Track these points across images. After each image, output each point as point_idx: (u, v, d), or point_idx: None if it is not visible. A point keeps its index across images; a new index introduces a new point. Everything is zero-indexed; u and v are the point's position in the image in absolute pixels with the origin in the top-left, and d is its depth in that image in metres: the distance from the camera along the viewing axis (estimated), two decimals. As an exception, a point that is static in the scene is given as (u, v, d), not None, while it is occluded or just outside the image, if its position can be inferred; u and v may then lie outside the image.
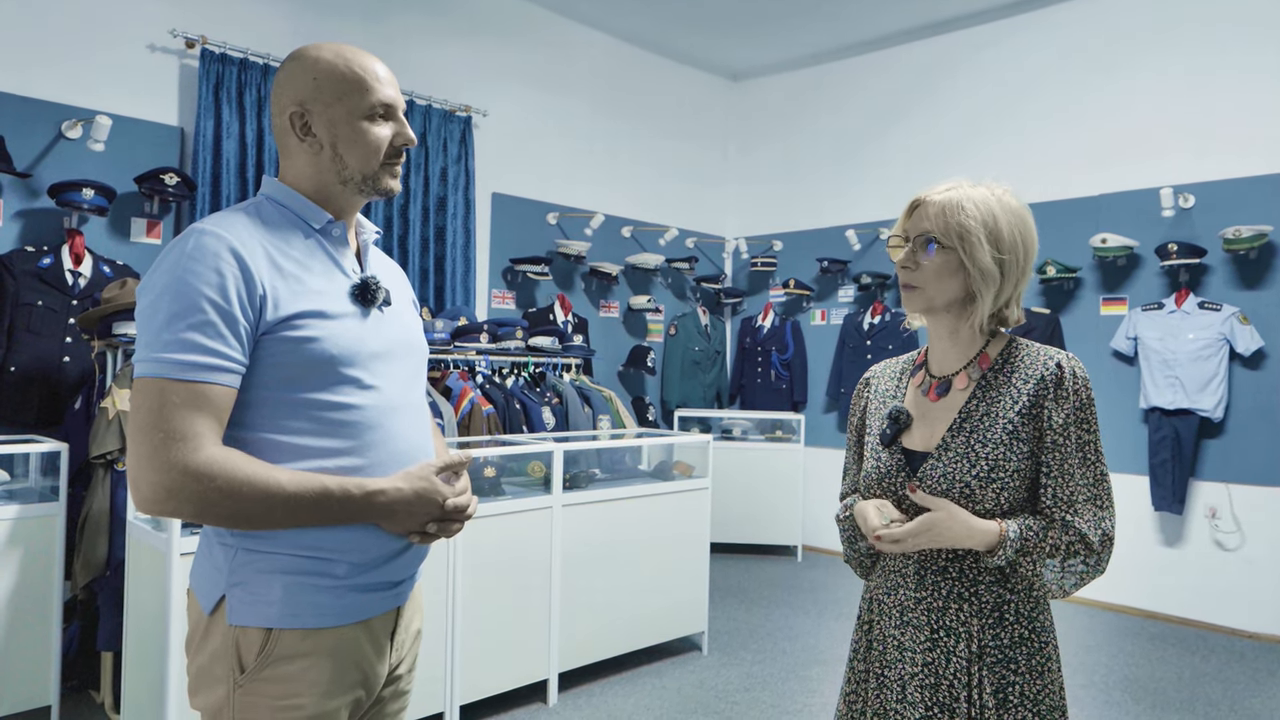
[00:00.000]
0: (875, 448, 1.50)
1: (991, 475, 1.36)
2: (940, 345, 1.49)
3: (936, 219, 1.41)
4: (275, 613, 1.21)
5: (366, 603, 1.28)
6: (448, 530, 1.32)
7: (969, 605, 1.38)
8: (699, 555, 4.05)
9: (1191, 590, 4.83)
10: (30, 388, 3.53)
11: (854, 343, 6.15)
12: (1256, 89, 4.73)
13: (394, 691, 1.40)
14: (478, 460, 3.42)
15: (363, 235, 1.42)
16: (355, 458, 1.26)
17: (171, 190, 3.95)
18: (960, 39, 5.97)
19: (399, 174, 1.38)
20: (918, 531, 1.34)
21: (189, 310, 1.15)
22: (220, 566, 1.24)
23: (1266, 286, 4.67)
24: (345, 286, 1.31)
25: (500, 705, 3.40)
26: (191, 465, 1.13)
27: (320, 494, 1.19)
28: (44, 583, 3.03)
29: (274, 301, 1.21)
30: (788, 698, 3.60)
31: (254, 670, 1.20)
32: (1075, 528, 1.33)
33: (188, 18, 4.24)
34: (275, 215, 1.31)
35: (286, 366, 1.22)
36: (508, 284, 5.64)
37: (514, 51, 5.69)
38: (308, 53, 1.33)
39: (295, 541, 1.22)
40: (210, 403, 1.16)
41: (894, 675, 1.44)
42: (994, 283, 1.39)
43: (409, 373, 1.38)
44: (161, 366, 1.14)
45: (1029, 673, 1.37)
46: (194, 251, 1.18)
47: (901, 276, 1.45)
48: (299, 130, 1.31)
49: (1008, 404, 1.39)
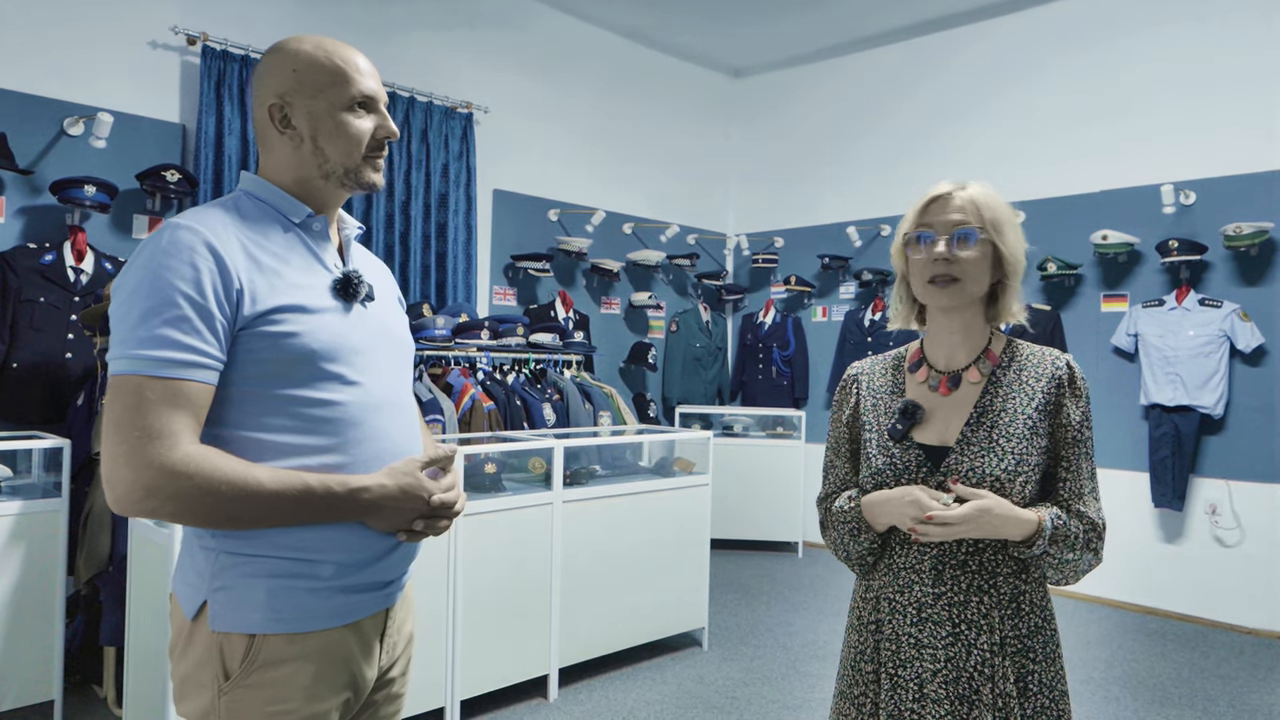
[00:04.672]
0: (884, 444, 1.49)
1: (1018, 469, 1.39)
2: (950, 340, 1.49)
3: (970, 211, 1.43)
4: (259, 618, 1.18)
5: (354, 604, 1.25)
6: (435, 528, 1.29)
7: (989, 597, 1.40)
8: (700, 551, 4.06)
9: (1191, 586, 4.83)
10: (33, 384, 3.54)
11: (855, 339, 6.15)
12: (1257, 85, 4.73)
13: (386, 695, 1.37)
14: (479, 456, 3.43)
15: (345, 230, 1.39)
16: (338, 455, 1.22)
17: (173, 187, 3.96)
18: (962, 35, 5.96)
19: (381, 167, 1.35)
20: (970, 516, 1.35)
21: (164, 306, 1.12)
22: (201, 571, 1.21)
23: (1267, 283, 4.67)
24: (326, 281, 1.28)
25: (501, 700, 3.41)
26: (168, 463, 1.10)
27: (302, 491, 1.16)
28: (47, 578, 3.04)
29: (251, 296, 1.18)
30: (788, 693, 3.61)
31: (239, 677, 1.17)
32: (1088, 518, 1.40)
33: (189, 15, 4.25)
34: (254, 210, 1.28)
35: (266, 362, 1.19)
36: (509, 280, 5.65)
37: (515, 48, 5.69)
38: (288, 45, 1.30)
39: (278, 543, 1.19)
40: (188, 400, 1.13)
41: (910, 674, 1.42)
42: (1021, 271, 1.46)
43: (394, 369, 1.35)
44: (137, 363, 1.12)
45: (1045, 660, 1.41)
46: (168, 246, 1.15)
47: (934, 270, 1.42)
48: (279, 123, 1.29)
49: (1024, 400, 1.43)
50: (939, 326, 1.51)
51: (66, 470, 3.11)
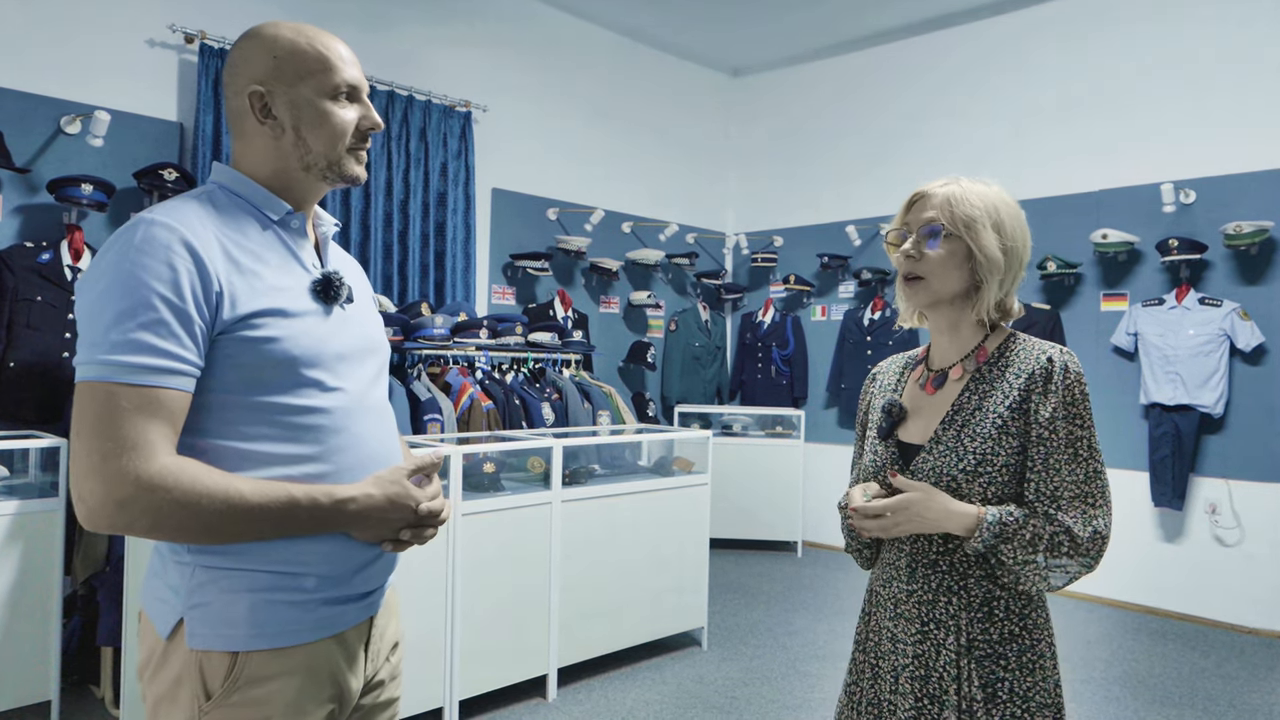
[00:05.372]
0: (873, 441, 1.52)
1: (978, 469, 1.37)
2: (941, 340, 1.50)
3: (942, 209, 1.42)
4: (241, 634, 1.12)
5: (338, 615, 1.20)
6: (421, 536, 1.25)
7: (958, 599, 1.38)
8: (699, 551, 4.06)
9: (1191, 586, 4.83)
10: (30, 383, 3.53)
11: (854, 338, 6.14)
12: (1258, 84, 4.72)
13: (375, 702, 1.33)
14: (477, 456, 3.42)
15: (321, 228, 1.33)
16: (320, 464, 1.17)
17: (171, 185, 3.94)
18: (961, 33, 5.95)
19: (364, 159, 1.29)
20: (894, 508, 1.36)
21: (139, 308, 1.05)
22: (176, 587, 1.14)
23: (1267, 282, 4.66)
24: (305, 282, 1.22)
25: (500, 700, 3.40)
26: (144, 476, 1.03)
27: (286, 504, 1.11)
28: (44, 578, 3.03)
29: (231, 299, 1.12)
30: (787, 693, 3.60)
31: (221, 696, 1.11)
32: (1060, 522, 1.32)
33: (187, 13, 4.23)
34: (229, 204, 1.21)
35: (245, 368, 1.13)
36: (508, 279, 5.64)
37: (514, 47, 5.68)
38: (265, 30, 1.23)
39: (259, 556, 1.13)
40: (163, 408, 1.06)
41: (888, 666, 1.45)
42: (999, 270, 1.42)
43: (371, 373, 1.30)
44: (109, 369, 1.05)
45: (1019, 669, 1.37)
46: (142, 244, 1.08)
47: (904, 268, 1.44)
48: (259, 112, 1.22)
49: (999, 398, 1.40)
50: (931, 326, 1.52)
51: (63, 470, 3.10)
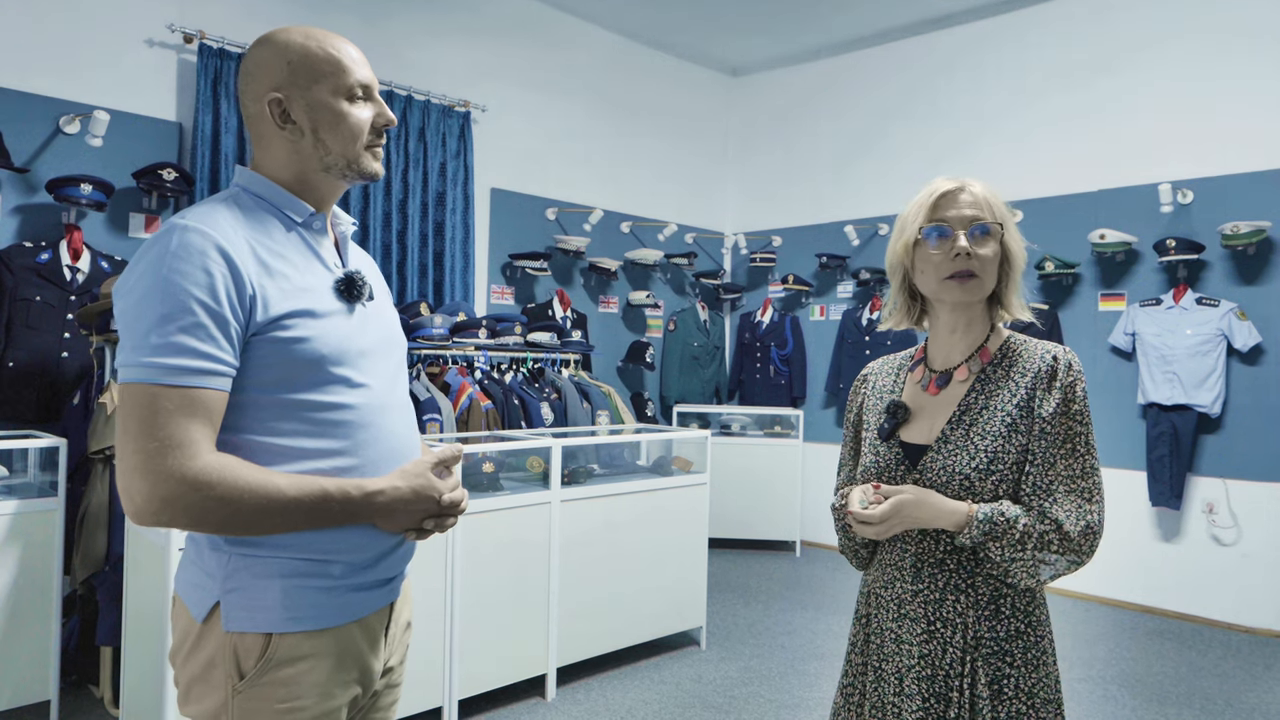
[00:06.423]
0: (874, 442, 1.51)
1: (990, 468, 1.37)
2: (949, 339, 1.49)
3: (985, 207, 1.42)
4: (275, 617, 1.19)
5: (362, 601, 1.28)
6: (443, 525, 1.33)
7: (965, 597, 1.39)
8: (697, 550, 4.06)
9: (1189, 585, 4.84)
10: (29, 383, 3.53)
11: (853, 338, 6.15)
12: (1255, 84, 4.73)
13: (387, 684, 1.40)
14: (476, 455, 3.43)
15: (339, 227, 1.38)
16: (349, 458, 1.24)
17: (170, 185, 3.95)
18: (961, 35, 5.96)
19: (381, 156, 1.34)
20: (888, 514, 1.37)
21: (179, 312, 1.11)
22: (213, 572, 1.21)
23: (1265, 282, 4.67)
24: (329, 282, 1.28)
25: (498, 700, 3.41)
26: (189, 474, 1.10)
27: (320, 497, 1.18)
28: (43, 578, 3.03)
29: (264, 302, 1.18)
30: (786, 692, 3.61)
31: (254, 676, 1.18)
32: (1051, 516, 1.33)
33: (186, 13, 4.24)
34: (254, 207, 1.27)
35: (276, 368, 1.19)
36: (507, 279, 5.64)
37: (513, 47, 5.68)
38: (277, 37, 1.28)
39: (291, 544, 1.20)
40: (204, 408, 1.12)
41: (891, 669, 1.44)
42: (1021, 267, 1.45)
43: (394, 368, 1.36)
44: (152, 371, 1.10)
45: (1024, 666, 1.38)
46: (179, 250, 1.13)
47: (957, 265, 1.40)
48: (278, 118, 1.26)
49: (1006, 397, 1.41)
50: (941, 325, 1.50)
51: (63, 469, 3.10)
